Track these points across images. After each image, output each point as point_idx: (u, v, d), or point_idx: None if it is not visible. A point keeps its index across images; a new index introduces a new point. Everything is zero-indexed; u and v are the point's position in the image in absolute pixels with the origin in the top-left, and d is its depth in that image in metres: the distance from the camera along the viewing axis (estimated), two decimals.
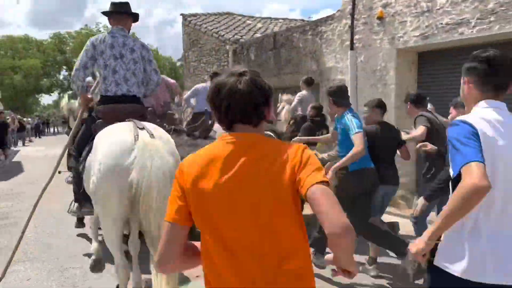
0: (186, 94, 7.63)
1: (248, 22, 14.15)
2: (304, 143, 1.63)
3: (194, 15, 13.96)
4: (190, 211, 1.43)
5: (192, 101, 7.40)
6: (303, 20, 15.63)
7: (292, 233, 1.39)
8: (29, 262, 4.95)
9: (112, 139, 2.83)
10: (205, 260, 1.45)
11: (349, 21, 7.78)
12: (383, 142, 4.16)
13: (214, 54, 12.32)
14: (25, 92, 44.09)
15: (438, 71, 7.26)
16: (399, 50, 7.23)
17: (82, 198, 3.59)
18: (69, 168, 4.50)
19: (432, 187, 3.32)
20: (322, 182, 1.29)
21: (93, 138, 3.15)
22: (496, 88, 1.85)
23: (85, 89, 3.86)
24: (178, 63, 75.44)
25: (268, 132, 5.12)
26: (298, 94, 7.20)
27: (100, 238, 4.12)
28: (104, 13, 3.82)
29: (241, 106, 1.43)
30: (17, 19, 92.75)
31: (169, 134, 3.22)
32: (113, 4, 3.75)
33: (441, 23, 6.60)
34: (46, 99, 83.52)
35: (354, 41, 7.69)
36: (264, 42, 10.18)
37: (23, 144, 24.72)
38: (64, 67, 51.57)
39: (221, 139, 1.47)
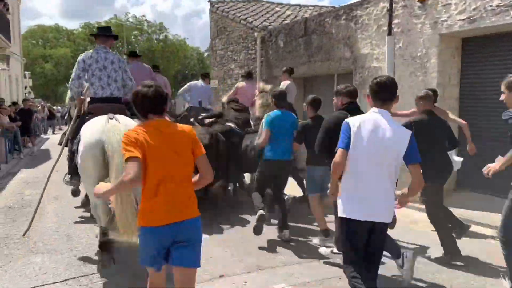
0: (181, 89, 8.78)
1: (277, 9, 13.68)
2: None
3: (222, 1, 13.57)
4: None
5: (187, 96, 8.44)
6: (333, 7, 15.02)
7: (191, 168, 2.61)
8: (48, 254, 4.74)
9: (91, 126, 4.05)
10: (147, 183, 2.50)
11: (387, 4, 7.23)
12: (316, 132, 4.71)
13: (241, 41, 11.93)
14: (55, 81, 44.87)
15: (485, 59, 6.65)
16: (442, 35, 6.66)
17: (72, 171, 4.85)
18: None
19: None
20: (203, 153, 2.63)
21: None
22: (381, 100, 2.96)
23: (80, 93, 4.92)
24: (206, 54, 75.68)
25: (229, 124, 6.54)
26: (282, 83, 7.55)
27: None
28: (92, 35, 5.25)
29: (150, 105, 2.56)
30: (49, 10, 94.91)
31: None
32: (98, 28, 5.20)
33: (491, 5, 6.00)
34: None
35: (393, 26, 7.14)
36: (294, 29, 9.71)
37: (53, 132, 25.06)
38: None
39: (145, 123, 2.59)
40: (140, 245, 2.61)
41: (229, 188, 6.94)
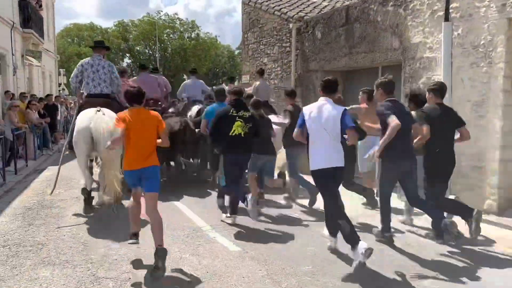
0: (179, 90, 10.08)
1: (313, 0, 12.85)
2: None
3: None
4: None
5: (184, 95, 9.70)
6: None
7: (154, 142, 4.20)
8: (59, 267, 4.20)
9: (82, 117, 5.71)
10: (128, 144, 4.14)
11: None
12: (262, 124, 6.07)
13: (275, 34, 11.20)
14: None
15: None
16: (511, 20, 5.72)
17: (69, 147, 6.39)
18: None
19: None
20: (163, 129, 4.25)
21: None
22: (328, 92, 4.60)
23: (77, 88, 6.55)
24: (236, 51, 75.40)
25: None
26: (254, 84, 9.07)
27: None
28: (90, 47, 6.86)
29: (135, 98, 4.20)
30: (85, 10, 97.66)
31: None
32: (94, 42, 6.98)
33: None
34: None
35: (450, 10, 6.25)
36: (334, 18, 8.90)
37: None
38: (127, 54, 52.77)
39: (131, 109, 4.21)
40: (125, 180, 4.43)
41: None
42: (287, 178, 6.88)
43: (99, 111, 5.59)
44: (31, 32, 15.59)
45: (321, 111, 4.43)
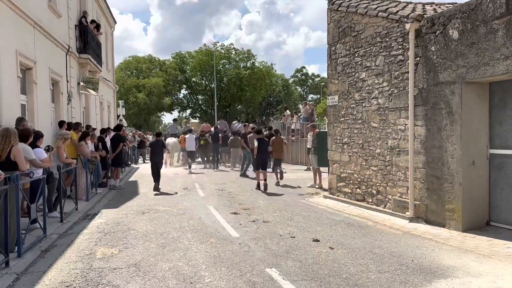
0: (218, 123, 24.44)
1: None
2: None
3: None
4: None
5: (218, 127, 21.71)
6: None
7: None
8: None
9: (168, 139, 21.22)
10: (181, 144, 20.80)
11: None
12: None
13: (378, 41, 8.78)
14: (147, 109, 45.29)
15: None
16: None
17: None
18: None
19: None
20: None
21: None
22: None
23: (168, 132, 28.40)
24: (291, 80, 74.02)
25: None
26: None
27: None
28: (173, 119, 29.33)
29: (185, 132, 21.36)
30: (144, 47, 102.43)
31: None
32: (173, 119, 30.09)
33: None
34: (168, 118, 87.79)
35: None
36: (483, 8, 6.36)
37: (144, 161, 23.72)
38: (184, 86, 52.56)
39: (182, 136, 20.58)
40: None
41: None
42: None
43: (170, 138, 21.25)
44: (87, 57, 14.26)
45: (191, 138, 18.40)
